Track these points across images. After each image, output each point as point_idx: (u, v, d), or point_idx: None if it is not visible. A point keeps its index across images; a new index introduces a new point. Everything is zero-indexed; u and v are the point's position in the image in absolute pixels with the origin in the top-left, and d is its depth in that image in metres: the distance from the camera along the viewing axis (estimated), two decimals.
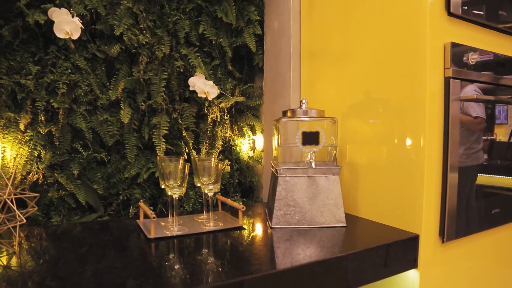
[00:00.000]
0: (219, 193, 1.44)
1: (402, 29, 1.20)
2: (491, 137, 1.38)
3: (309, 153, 1.19)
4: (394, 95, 1.23)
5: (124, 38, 1.52)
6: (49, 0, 1.43)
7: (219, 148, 1.77)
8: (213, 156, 1.34)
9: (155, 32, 1.59)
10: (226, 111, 1.79)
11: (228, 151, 1.85)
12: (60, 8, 1.28)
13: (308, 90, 1.59)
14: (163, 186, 1.16)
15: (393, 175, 1.22)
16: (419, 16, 1.15)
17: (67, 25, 1.24)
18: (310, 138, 1.20)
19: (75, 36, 1.26)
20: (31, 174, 1.45)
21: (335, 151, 1.26)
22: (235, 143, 1.86)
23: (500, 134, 1.43)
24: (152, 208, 1.62)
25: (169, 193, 1.13)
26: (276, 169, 1.20)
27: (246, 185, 1.90)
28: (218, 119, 1.75)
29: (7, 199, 0.95)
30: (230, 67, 1.76)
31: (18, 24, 1.39)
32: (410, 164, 1.17)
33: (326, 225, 1.20)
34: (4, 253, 0.98)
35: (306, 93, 1.59)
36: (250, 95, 1.86)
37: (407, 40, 1.19)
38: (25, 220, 0.97)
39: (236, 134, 1.86)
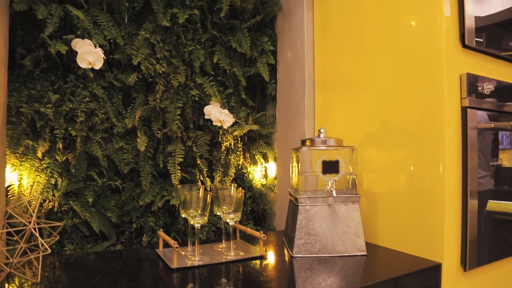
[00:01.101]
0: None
1: (418, 60, 1.23)
2: (497, 163, 1.39)
3: (329, 182, 1.20)
4: (411, 124, 1.25)
5: (142, 67, 1.54)
6: (70, 31, 1.46)
7: (232, 175, 1.78)
8: (232, 185, 1.34)
9: (171, 61, 1.62)
10: (239, 139, 1.80)
11: (241, 179, 1.85)
12: (83, 39, 1.31)
13: (322, 118, 1.61)
14: (184, 215, 1.15)
15: (412, 202, 1.23)
16: (435, 48, 1.19)
17: (90, 56, 1.26)
18: (330, 167, 1.21)
19: (98, 66, 1.28)
20: (46, 201, 1.45)
21: (354, 180, 1.26)
22: (247, 171, 1.86)
23: (505, 160, 1.44)
24: None
25: (191, 222, 1.13)
26: (297, 198, 1.21)
27: (258, 213, 1.89)
28: (232, 147, 1.77)
29: (32, 229, 0.95)
30: (243, 96, 1.79)
31: (40, 54, 1.42)
32: (430, 191, 1.18)
33: (346, 254, 1.20)
34: (25, 285, 0.96)
35: (320, 122, 1.61)
36: (262, 123, 1.88)
37: (423, 71, 1.21)
38: (49, 250, 0.96)
39: (248, 162, 1.87)
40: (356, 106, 1.46)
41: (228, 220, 1.17)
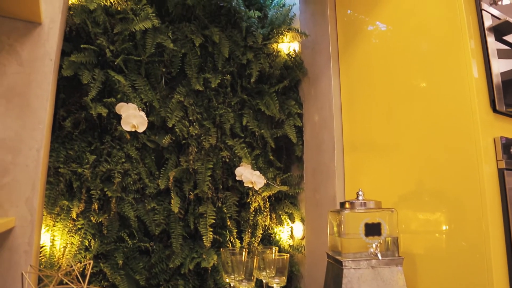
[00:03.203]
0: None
1: (451, 124, 1.28)
2: None
3: (373, 244, 1.19)
4: (448, 185, 1.27)
5: (176, 129, 1.59)
6: (109, 94, 1.52)
7: (259, 236, 1.76)
8: (274, 248, 1.33)
9: (203, 123, 1.66)
10: (266, 200, 1.81)
11: (267, 240, 1.84)
12: (127, 103, 1.35)
13: (352, 180, 1.63)
14: (228, 280, 1.13)
15: (455, 263, 1.21)
16: (468, 113, 1.23)
17: (134, 119, 1.30)
18: (373, 229, 1.21)
19: (141, 129, 1.32)
20: (78, 264, 1.42)
21: (395, 242, 1.26)
22: (274, 231, 1.85)
23: None
24: None
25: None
26: (340, 261, 1.19)
27: None
28: (263, 208, 1.77)
29: None
30: (271, 157, 1.82)
31: (80, 116, 1.46)
32: (473, 251, 1.17)
33: None
34: None
35: (350, 183, 1.63)
36: (289, 184, 1.90)
37: (457, 135, 1.25)
38: None
39: (274, 222, 1.86)
40: (388, 168, 1.49)
41: (274, 286, 1.15)
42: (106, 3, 1.52)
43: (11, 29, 1.11)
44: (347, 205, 1.28)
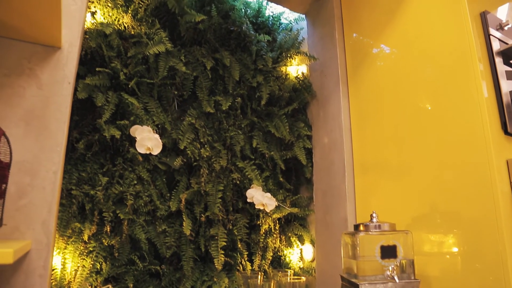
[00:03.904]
0: None
1: (464, 146, 1.29)
2: None
3: (390, 267, 1.18)
4: (462, 207, 1.27)
5: (187, 151, 1.59)
6: (122, 116, 1.53)
7: (269, 259, 1.75)
8: (289, 271, 1.32)
9: (214, 145, 1.67)
10: (277, 222, 1.80)
11: (277, 262, 1.82)
12: (142, 126, 1.37)
13: (363, 202, 1.63)
14: None
15: (471, 287, 1.21)
16: (480, 135, 1.25)
17: (149, 142, 1.31)
18: (388, 252, 1.20)
19: (156, 152, 1.33)
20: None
21: (411, 264, 1.25)
22: (283, 254, 1.84)
23: None
24: None
25: None
26: (357, 284, 1.18)
27: None
28: (273, 230, 1.76)
29: None
30: (281, 179, 1.82)
31: (93, 138, 1.47)
32: (489, 274, 1.16)
33: None
34: None
35: (361, 205, 1.63)
36: (298, 205, 1.90)
37: (470, 157, 1.26)
38: None
39: (283, 244, 1.85)
40: (400, 190, 1.49)
41: None
42: (120, 28, 1.55)
43: (32, 53, 1.13)
44: (361, 228, 1.28)
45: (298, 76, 1.98)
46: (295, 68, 1.99)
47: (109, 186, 1.47)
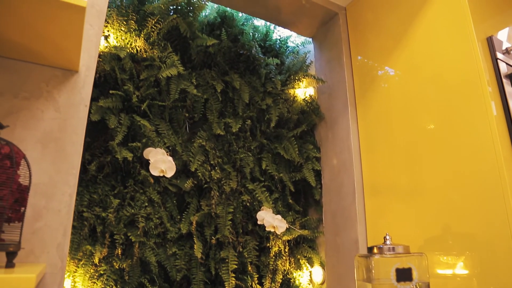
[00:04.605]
0: None
1: (475, 167, 1.29)
2: None
3: None
4: (476, 229, 1.27)
5: (198, 173, 1.60)
6: (133, 138, 1.54)
7: (279, 282, 1.73)
8: None
9: (224, 167, 1.68)
10: (286, 244, 1.79)
11: (286, 285, 1.80)
12: (155, 148, 1.37)
13: (374, 224, 1.63)
14: None
15: None
16: (491, 154, 1.25)
17: (162, 164, 1.32)
18: (404, 275, 1.20)
19: (169, 174, 1.33)
20: None
21: (427, 287, 1.25)
22: (293, 276, 1.82)
23: None
24: None
25: None
26: None
27: None
28: (283, 252, 1.75)
29: None
30: (290, 201, 1.82)
31: (105, 159, 1.47)
32: None
33: None
34: None
35: (372, 227, 1.63)
36: (307, 227, 1.89)
37: (482, 177, 1.27)
38: None
39: (293, 267, 1.83)
40: (412, 211, 1.49)
41: None
42: (133, 51, 1.57)
43: (50, 76, 1.14)
44: (375, 250, 1.28)
45: (306, 99, 2.00)
46: (303, 91, 2.01)
47: (120, 208, 1.47)
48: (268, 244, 1.73)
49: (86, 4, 0.89)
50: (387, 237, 1.29)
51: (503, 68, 1.45)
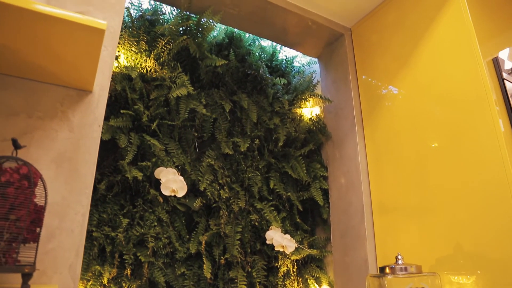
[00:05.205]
0: None
1: (485, 184, 1.30)
2: None
3: None
4: (489, 247, 1.26)
5: (207, 193, 1.59)
6: (142, 158, 1.54)
7: None
8: None
9: (232, 187, 1.68)
10: (295, 263, 1.78)
11: None
12: (166, 168, 1.38)
13: (383, 243, 1.62)
14: None
15: None
16: (501, 172, 1.26)
17: (174, 184, 1.32)
18: None
19: (181, 194, 1.33)
20: None
21: None
22: None
23: None
24: None
25: None
26: None
27: None
28: (291, 272, 1.74)
29: None
30: (298, 220, 1.82)
31: (115, 179, 1.47)
32: None
33: None
34: None
35: (382, 247, 1.62)
36: (315, 247, 1.88)
37: (493, 194, 1.27)
38: None
39: (301, 286, 1.81)
40: (422, 230, 1.49)
41: None
42: (143, 71, 1.59)
43: (64, 96, 1.16)
44: (387, 270, 1.27)
45: (312, 118, 2.01)
46: (309, 110, 2.03)
47: (129, 228, 1.46)
48: (276, 264, 1.72)
49: (106, 27, 0.90)
50: (399, 257, 1.29)
51: (510, 87, 1.47)
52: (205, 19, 1.67)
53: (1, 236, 0.84)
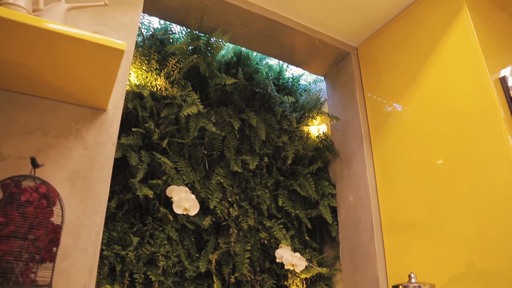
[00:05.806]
0: None
1: (496, 201, 1.30)
2: None
3: None
4: (502, 265, 1.25)
5: (217, 211, 1.59)
6: (152, 176, 1.54)
7: None
8: None
9: (241, 205, 1.67)
10: (304, 282, 1.76)
11: None
12: (179, 186, 1.38)
13: (394, 261, 1.61)
14: None
15: None
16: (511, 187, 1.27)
17: (186, 202, 1.32)
18: None
19: (193, 213, 1.33)
20: None
21: None
22: None
23: None
24: None
25: None
26: None
27: None
28: None
29: None
30: (307, 238, 1.81)
31: (125, 197, 1.47)
32: None
33: None
34: None
35: (392, 264, 1.61)
36: (324, 265, 1.86)
37: (504, 211, 1.27)
38: None
39: None
40: (434, 248, 1.48)
41: None
42: (153, 89, 1.60)
43: (79, 115, 1.16)
44: None
45: (320, 135, 2.02)
46: (316, 128, 2.04)
47: (139, 246, 1.45)
48: (285, 282, 1.71)
49: (125, 47, 0.92)
50: (412, 275, 1.28)
51: None
52: (214, 39, 1.70)
53: (20, 256, 0.84)
